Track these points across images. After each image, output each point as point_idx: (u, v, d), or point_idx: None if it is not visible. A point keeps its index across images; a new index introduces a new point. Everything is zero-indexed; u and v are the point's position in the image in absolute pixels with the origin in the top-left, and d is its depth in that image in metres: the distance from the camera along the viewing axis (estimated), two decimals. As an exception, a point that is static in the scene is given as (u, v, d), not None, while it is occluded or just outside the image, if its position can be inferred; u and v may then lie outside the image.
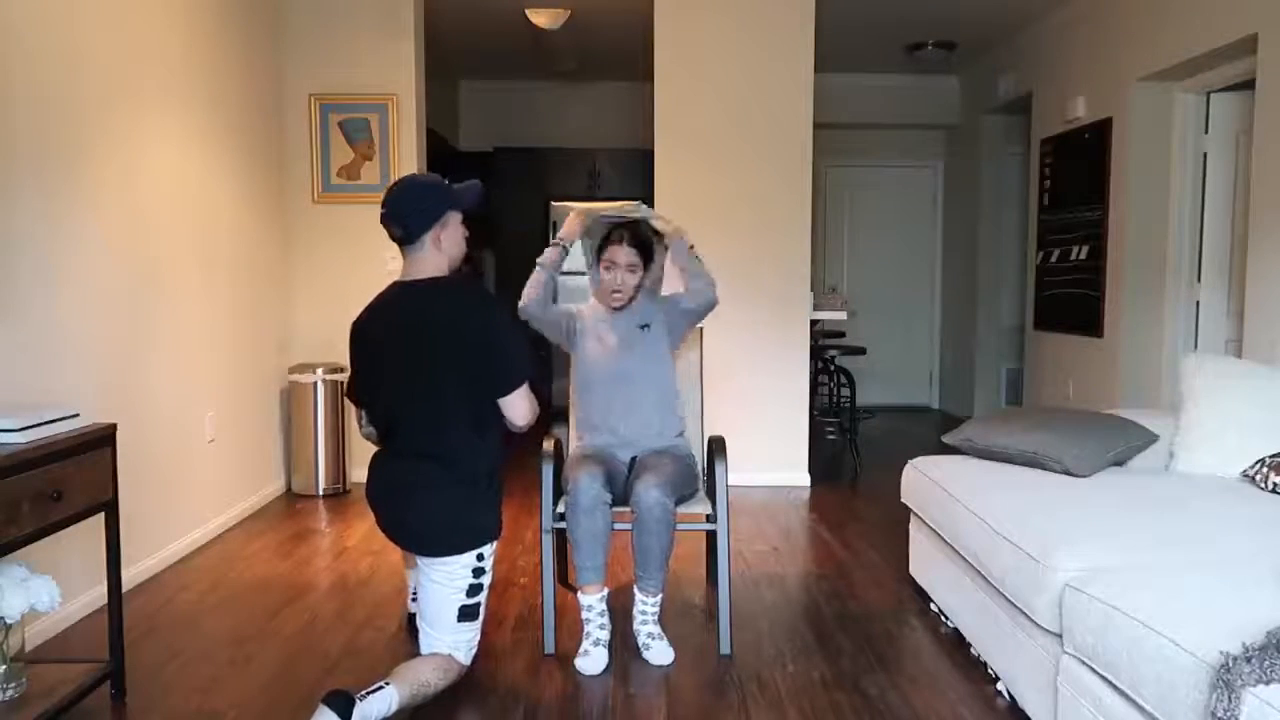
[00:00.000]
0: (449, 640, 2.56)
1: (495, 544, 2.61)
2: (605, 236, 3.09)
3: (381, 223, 2.60)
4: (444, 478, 2.53)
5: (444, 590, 2.54)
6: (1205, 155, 4.94)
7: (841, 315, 5.60)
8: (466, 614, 2.56)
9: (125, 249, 3.52)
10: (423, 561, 2.58)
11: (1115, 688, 1.95)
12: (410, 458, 2.56)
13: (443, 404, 2.54)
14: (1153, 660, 1.79)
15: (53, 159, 3.08)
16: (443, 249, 2.60)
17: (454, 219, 2.62)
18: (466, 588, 2.55)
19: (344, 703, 2.21)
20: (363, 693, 2.29)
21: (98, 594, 3.18)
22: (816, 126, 5.32)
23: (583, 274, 7.92)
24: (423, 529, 2.56)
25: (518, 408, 2.56)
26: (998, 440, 3.20)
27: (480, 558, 2.56)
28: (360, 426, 2.79)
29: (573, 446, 3.26)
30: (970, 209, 7.68)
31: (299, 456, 4.99)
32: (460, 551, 2.53)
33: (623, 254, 3.05)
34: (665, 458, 3.00)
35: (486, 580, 2.59)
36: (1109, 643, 1.94)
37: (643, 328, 3.13)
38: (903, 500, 3.52)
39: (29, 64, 2.95)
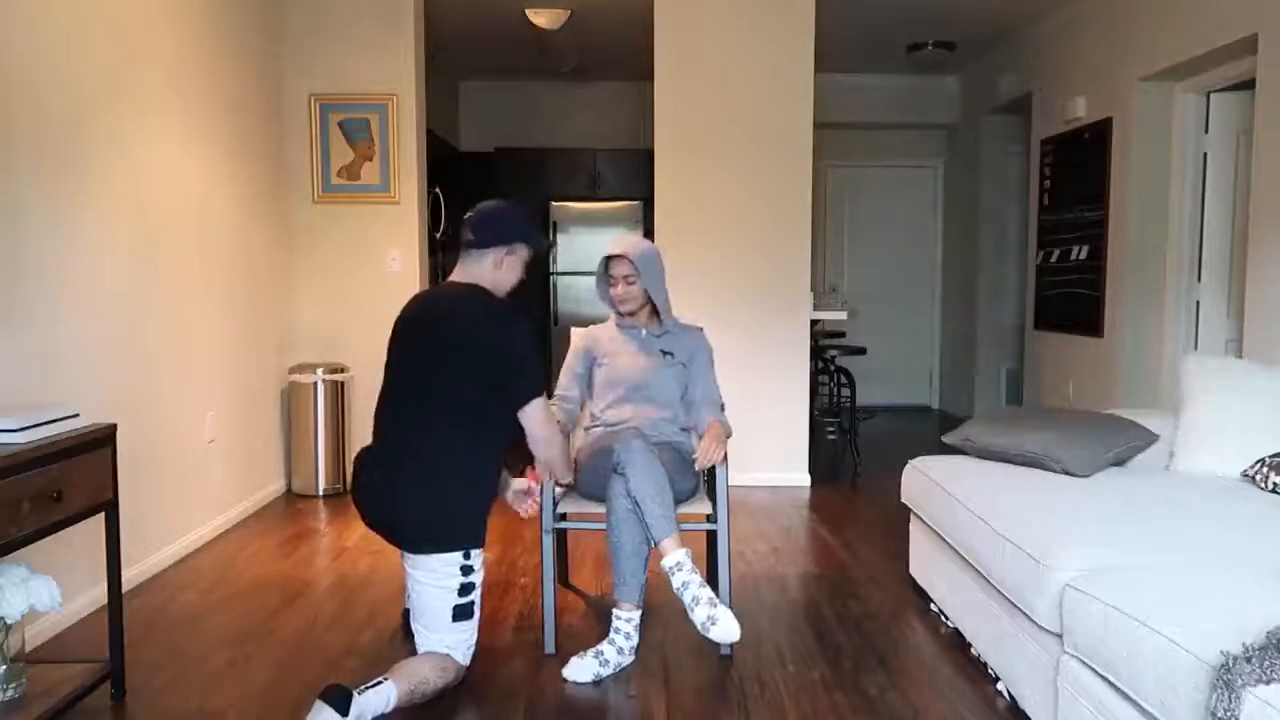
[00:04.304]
0: (446, 640, 2.56)
1: (481, 550, 2.61)
2: (606, 259, 3.15)
3: (461, 225, 2.74)
4: (432, 473, 2.53)
5: (435, 591, 2.54)
6: (1205, 155, 4.94)
7: (841, 315, 5.60)
8: (461, 613, 2.56)
9: (125, 249, 3.52)
10: (409, 564, 2.58)
11: (1115, 688, 1.95)
12: (402, 451, 2.57)
13: (442, 403, 2.55)
14: (1153, 660, 1.79)
15: (53, 159, 3.08)
16: (501, 271, 2.71)
17: (522, 252, 2.75)
18: (458, 587, 2.55)
19: (342, 698, 2.21)
20: (361, 688, 2.29)
21: (98, 594, 3.18)
22: (816, 126, 5.32)
23: (586, 274, 7.95)
24: (407, 521, 2.55)
25: (534, 419, 2.63)
26: (998, 440, 3.20)
27: (467, 556, 2.56)
28: None
29: (580, 436, 3.29)
30: (970, 209, 7.68)
31: (299, 456, 4.99)
32: (442, 549, 2.52)
33: (620, 267, 3.12)
34: (663, 444, 3.04)
35: (477, 579, 2.59)
36: (1109, 643, 1.94)
37: (664, 354, 3.18)
38: (903, 500, 3.52)
39: (28, 65, 2.95)
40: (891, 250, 8.42)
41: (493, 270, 2.70)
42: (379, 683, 2.34)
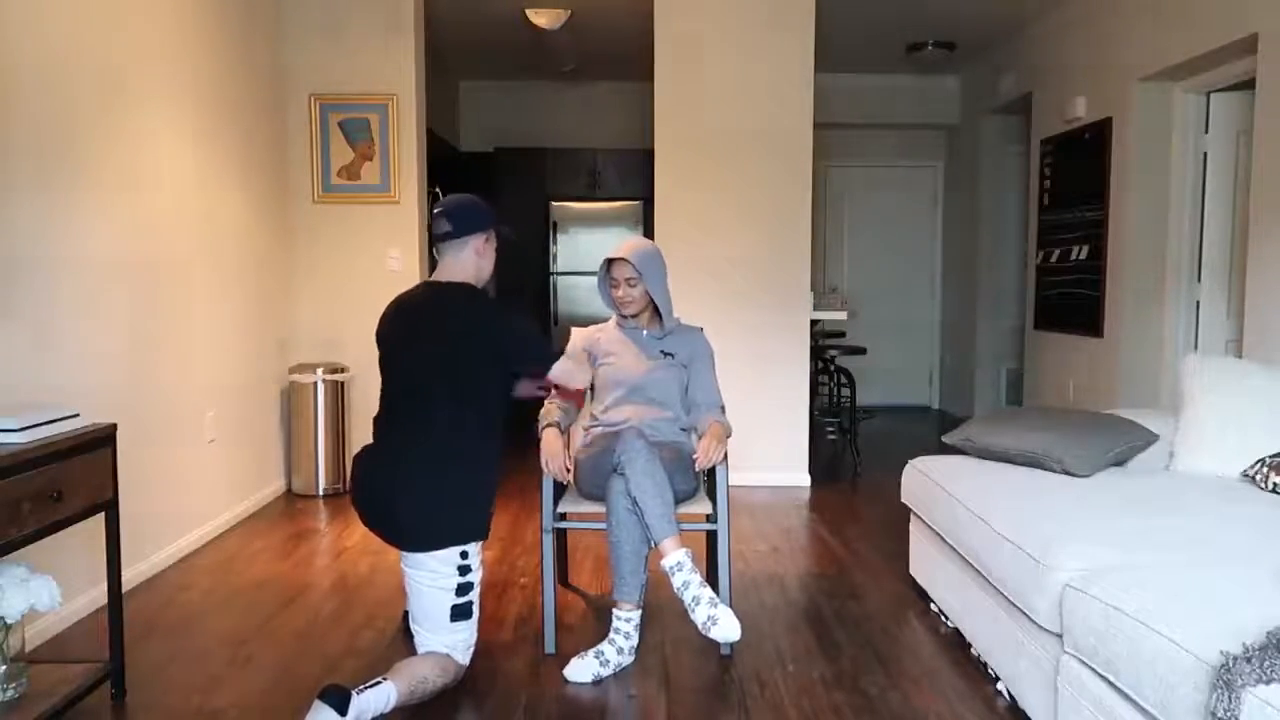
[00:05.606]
0: (445, 640, 2.57)
1: (480, 545, 2.61)
2: (608, 261, 3.16)
3: (433, 220, 2.76)
4: (431, 469, 2.53)
5: (433, 591, 2.55)
6: (1205, 155, 4.94)
7: (841, 315, 5.60)
8: (459, 613, 2.57)
9: (125, 249, 3.52)
10: (407, 564, 2.58)
11: (1115, 688, 1.95)
12: (401, 449, 2.57)
13: (443, 400, 2.55)
14: (1153, 660, 1.79)
15: (53, 158, 3.08)
16: (483, 258, 2.77)
17: (493, 238, 2.82)
18: (455, 587, 2.55)
19: (340, 698, 2.21)
20: (360, 687, 2.30)
21: (98, 594, 3.18)
22: (816, 126, 5.32)
23: (586, 274, 7.95)
24: (405, 518, 2.54)
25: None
26: (998, 440, 3.20)
27: (464, 555, 2.56)
28: None
29: (580, 435, 3.29)
30: (970, 209, 7.68)
31: (299, 456, 4.99)
32: (441, 545, 2.52)
33: (622, 270, 3.12)
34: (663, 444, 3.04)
35: (475, 578, 2.59)
36: (1109, 643, 1.94)
37: (665, 354, 3.19)
38: (903, 500, 3.52)
39: (29, 64, 2.94)
40: (891, 250, 8.42)
41: (475, 258, 2.74)
42: (378, 682, 2.34)
